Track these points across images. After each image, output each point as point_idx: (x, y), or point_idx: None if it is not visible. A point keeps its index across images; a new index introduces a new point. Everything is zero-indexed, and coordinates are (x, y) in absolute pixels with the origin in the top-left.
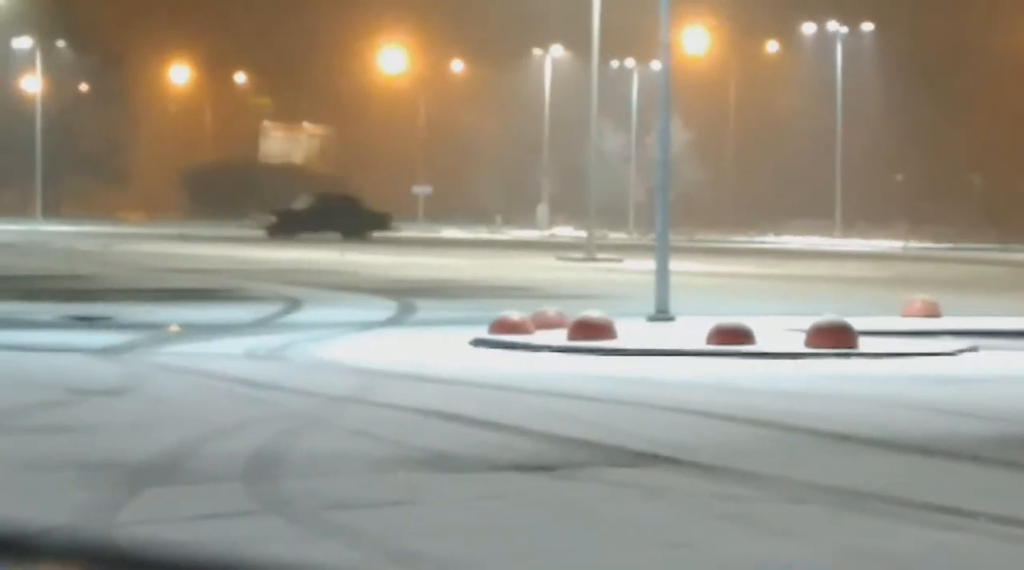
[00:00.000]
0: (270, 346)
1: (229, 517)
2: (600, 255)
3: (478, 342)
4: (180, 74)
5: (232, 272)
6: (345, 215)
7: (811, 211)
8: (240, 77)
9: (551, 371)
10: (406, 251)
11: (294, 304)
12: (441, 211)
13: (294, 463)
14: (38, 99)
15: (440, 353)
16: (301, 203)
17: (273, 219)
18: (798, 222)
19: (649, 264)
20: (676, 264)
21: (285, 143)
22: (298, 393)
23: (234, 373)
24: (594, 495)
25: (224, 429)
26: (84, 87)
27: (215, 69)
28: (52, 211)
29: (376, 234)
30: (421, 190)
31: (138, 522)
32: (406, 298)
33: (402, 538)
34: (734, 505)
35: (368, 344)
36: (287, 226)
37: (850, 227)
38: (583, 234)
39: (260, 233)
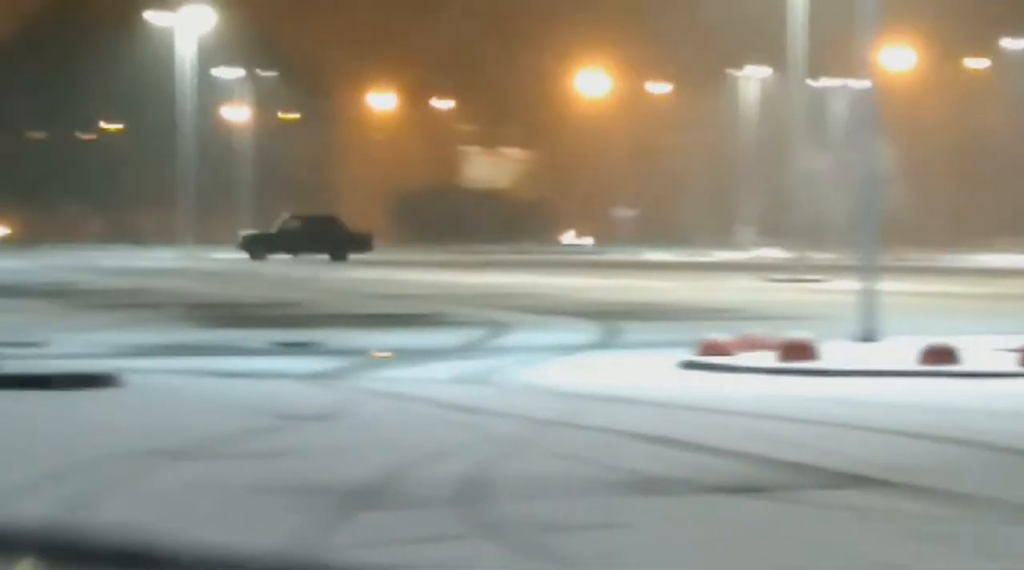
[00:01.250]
0: (477, 370)
1: (439, 541)
2: (806, 275)
3: (685, 364)
4: (384, 101)
5: (437, 297)
6: (326, 236)
7: (1022, 229)
8: (442, 103)
9: (759, 393)
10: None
11: (499, 328)
12: (643, 234)
13: (503, 487)
14: (246, 127)
15: (647, 375)
16: (282, 224)
17: (252, 240)
18: (1008, 240)
19: (856, 284)
20: (884, 284)
21: (490, 168)
22: (506, 417)
23: (442, 398)
24: (804, 517)
25: (433, 453)
26: (290, 115)
27: (418, 95)
28: None
29: (355, 256)
30: (623, 213)
31: (350, 546)
32: (611, 321)
33: (613, 561)
34: (946, 526)
35: (575, 367)
36: (268, 247)
37: None
38: (788, 255)
39: (243, 254)
